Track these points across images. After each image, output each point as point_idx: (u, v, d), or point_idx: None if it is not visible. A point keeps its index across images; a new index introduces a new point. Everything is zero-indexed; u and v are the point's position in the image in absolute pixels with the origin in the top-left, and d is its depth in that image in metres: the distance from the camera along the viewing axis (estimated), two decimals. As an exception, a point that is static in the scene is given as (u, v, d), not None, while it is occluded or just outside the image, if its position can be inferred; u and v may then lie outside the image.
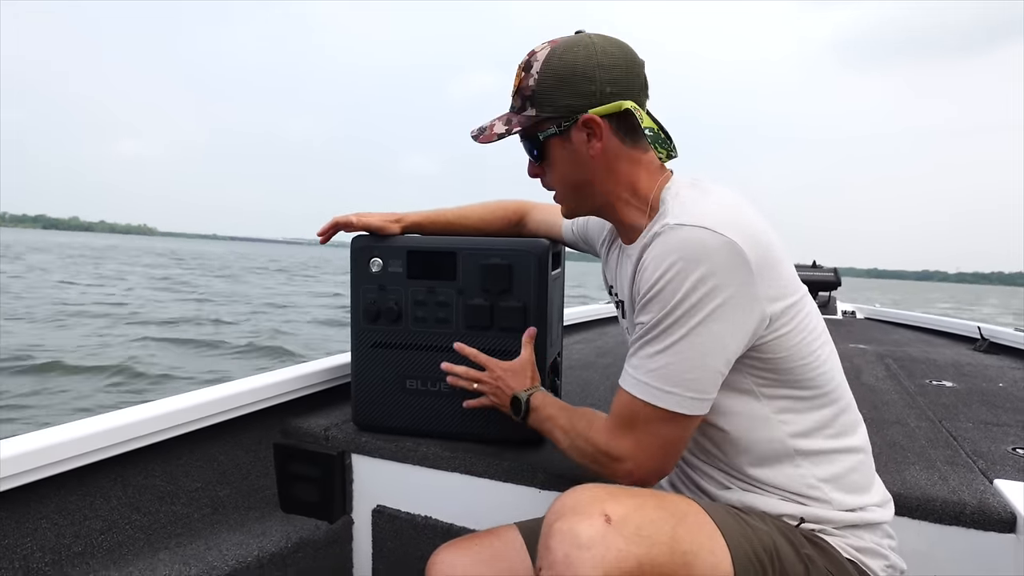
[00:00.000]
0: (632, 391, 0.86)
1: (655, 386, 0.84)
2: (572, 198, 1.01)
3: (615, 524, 0.68)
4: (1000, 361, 2.80)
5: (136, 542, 1.21)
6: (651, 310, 0.84)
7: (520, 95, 0.94)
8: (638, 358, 0.87)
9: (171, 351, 8.63)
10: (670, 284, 0.81)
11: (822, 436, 0.90)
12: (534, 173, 1.02)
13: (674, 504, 0.80)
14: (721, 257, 0.79)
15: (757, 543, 0.79)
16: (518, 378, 1.15)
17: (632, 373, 0.87)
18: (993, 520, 1.07)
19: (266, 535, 1.31)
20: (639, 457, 0.87)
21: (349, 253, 1.38)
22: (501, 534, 1.02)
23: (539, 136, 0.95)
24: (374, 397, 1.41)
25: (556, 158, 0.96)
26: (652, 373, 0.84)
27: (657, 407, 0.84)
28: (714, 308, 0.80)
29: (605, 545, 0.66)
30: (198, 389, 1.36)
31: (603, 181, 0.96)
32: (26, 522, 1.06)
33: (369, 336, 1.39)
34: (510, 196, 1.63)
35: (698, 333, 0.81)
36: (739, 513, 0.85)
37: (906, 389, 2.09)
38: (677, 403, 0.83)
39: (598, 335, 3.10)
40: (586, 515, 0.69)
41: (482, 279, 1.30)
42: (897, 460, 1.31)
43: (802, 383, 0.88)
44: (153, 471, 1.26)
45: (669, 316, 0.82)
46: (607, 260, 1.14)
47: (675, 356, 0.82)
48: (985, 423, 1.67)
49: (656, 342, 0.84)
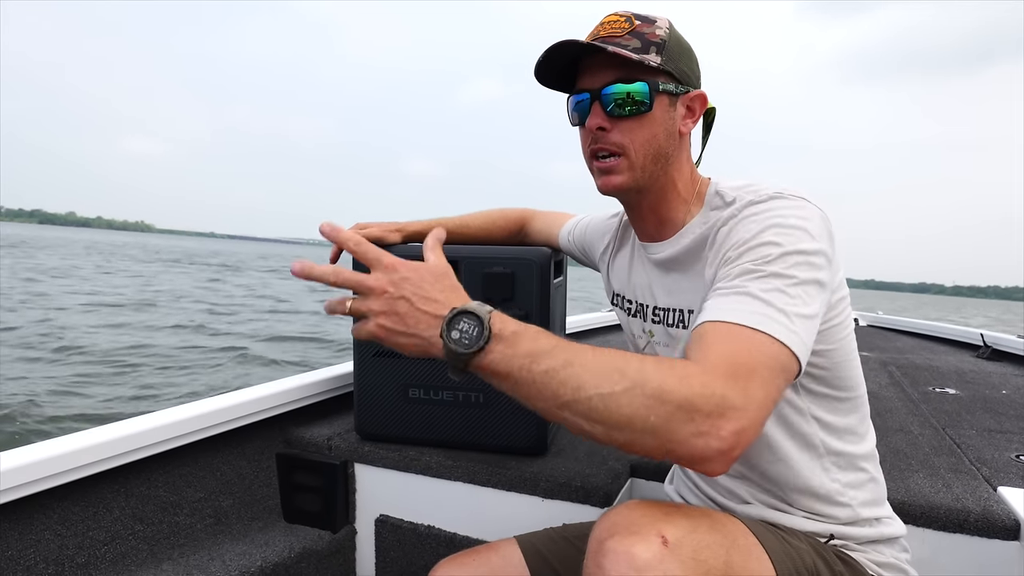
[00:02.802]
0: (757, 325, 0.68)
1: (780, 321, 0.69)
2: (648, 168, 0.89)
3: (672, 547, 0.63)
4: (1003, 368, 2.79)
5: (139, 553, 1.21)
6: (764, 251, 0.75)
7: (642, 39, 0.85)
8: (749, 294, 0.71)
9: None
10: (788, 232, 0.76)
11: (850, 441, 0.89)
12: (600, 126, 0.87)
13: (724, 526, 0.73)
14: (828, 230, 0.79)
15: (800, 563, 0.77)
16: (439, 286, 0.73)
17: (748, 308, 0.70)
18: (997, 527, 1.06)
19: (269, 545, 1.30)
20: (752, 411, 0.63)
21: (351, 263, 1.39)
22: (500, 549, 1.01)
23: (659, 86, 0.86)
24: (376, 406, 1.41)
25: (656, 118, 0.87)
26: (773, 308, 0.70)
27: (785, 346, 0.68)
28: (821, 267, 0.75)
29: (663, 570, 0.62)
30: (200, 399, 1.36)
31: (675, 162, 0.91)
32: (29, 533, 1.06)
33: (371, 345, 1.39)
34: (516, 201, 1.63)
35: (812, 284, 0.73)
36: (779, 531, 0.82)
37: (909, 396, 2.08)
38: (800, 347, 0.69)
39: (600, 343, 3.10)
40: (641, 536, 0.64)
41: (484, 288, 1.30)
42: (901, 468, 1.30)
43: (841, 382, 0.87)
44: (156, 481, 1.26)
45: (790, 257, 0.74)
46: (612, 266, 1.12)
47: (796, 298, 0.71)
48: (988, 430, 1.67)
49: (774, 279, 0.72)
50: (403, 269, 0.72)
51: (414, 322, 0.69)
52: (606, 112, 0.86)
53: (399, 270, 0.72)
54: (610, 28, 0.86)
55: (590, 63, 0.88)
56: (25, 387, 5.78)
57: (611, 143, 0.87)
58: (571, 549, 0.98)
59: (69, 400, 5.54)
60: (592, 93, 0.87)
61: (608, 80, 0.86)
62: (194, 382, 6.66)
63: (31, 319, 9.86)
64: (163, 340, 9.01)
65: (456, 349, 0.66)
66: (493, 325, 0.68)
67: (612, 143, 0.87)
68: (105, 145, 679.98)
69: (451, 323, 0.68)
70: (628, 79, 0.85)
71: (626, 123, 0.86)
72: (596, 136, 0.88)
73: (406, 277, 0.71)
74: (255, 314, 13.28)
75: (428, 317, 0.69)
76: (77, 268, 23.97)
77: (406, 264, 0.73)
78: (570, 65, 0.90)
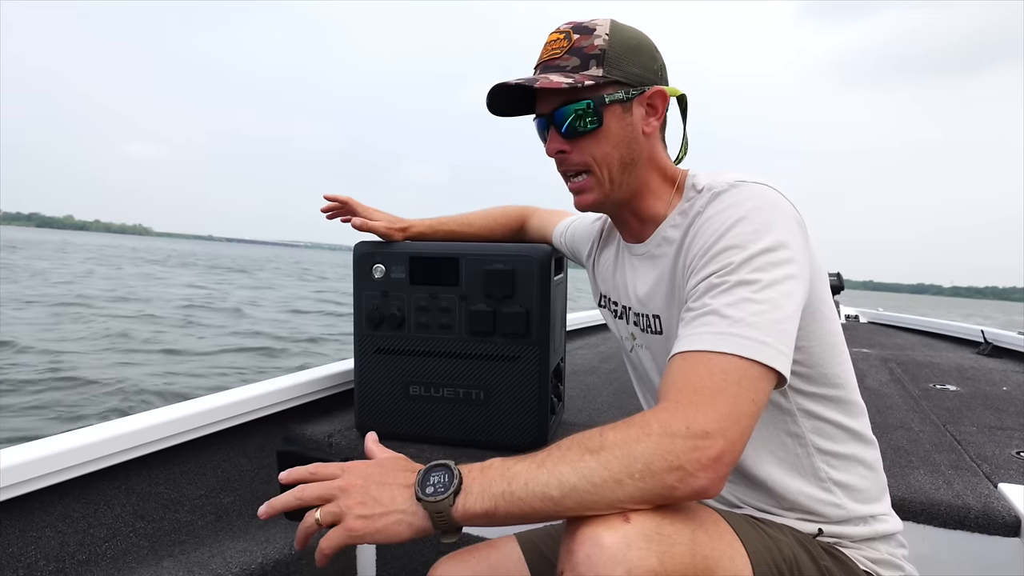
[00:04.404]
0: (716, 347, 0.70)
1: (747, 336, 0.69)
2: (616, 179, 0.89)
3: (634, 523, 0.65)
4: (1004, 365, 2.79)
5: (140, 550, 1.21)
6: (726, 257, 0.75)
7: (580, 54, 0.85)
8: (714, 312, 0.72)
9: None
10: (749, 229, 0.75)
11: (841, 439, 0.88)
12: (560, 149, 0.89)
13: (691, 511, 0.72)
14: (791, 215, 0.78)
15: (777, 553, 0.77)
16: (401, 464, 0.75)
17: (710, 329, 0.72)
18: (997, 524, 1.06)
19: (270, 542, 1.31)
20: (730, 430, 0.65)
21: (352, 259, 1.39)
22: (499, 545, 1.01)
23: (605, 99, 0.86)
24: (377, 403, 1.41)
25: (611, 130, 0.87)
26: (740, 323, 0.70)
27: (753, 361, 0.68)
28: (789, 260, 0.75)
29: (626, 543, 0.64)
30: (201, 396, 1.36)
31: (644, 163, 0.90)
32: (30, 530, 1.06)
33: (372, 342, 1.39)
34: (516, 203, 1.64)
35: (782, 281, 0.73)
36: (757, 523, 0.82)
37: (910, 393, 2.08)
38: (773, 357, 0.69)
39: (601, 340, 3.10)
40: (604, 517, 0.66)
41: (484, 285, 1.30)
42: (901, 464, 1.30)
43: (826, 378, 0.86)
44: (157, 479, 1.26)
45: (754, 260, 0.73)
46: (597, 268, 1.12)
47: (764, 303, 0.71)
48: (989, 427, 1.67)
49: (740, 288, 0.72)
50: (365, 464, 0.74)
51: (390, 499, 0.68)
52: (562, 135, 0.88)
53: (362, 465, 0.74)
54: (550, 50, 0.87)
55: (540, 88, 0.88)
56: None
57: (574, 163, 0.89)
58: None
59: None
60: (546, 118, 0.89)
61: (555, 104, 0.87)
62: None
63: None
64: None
65: (435, 500, 0.66)
66: (460, 469, 0.69)
67: (575, 163, 0.89)
68: (104, 148, 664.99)
69: (423, 482, 0.68)
70: (573, 99, 0.86)
71: (583, 141, 0.88)
72: (559, 159, 0.91)
73: (374, 465, 0.74)
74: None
75: (400, 488, 0.69)
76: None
77: (366, 461, 0.75)
78: (528, 90, 0.91)
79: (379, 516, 0.67)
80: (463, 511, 0.66)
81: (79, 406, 5.39)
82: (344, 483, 0.70)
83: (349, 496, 0.69)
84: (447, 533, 0.68)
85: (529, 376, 1.31)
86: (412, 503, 0.67)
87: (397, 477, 0.71)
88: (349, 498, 0.69)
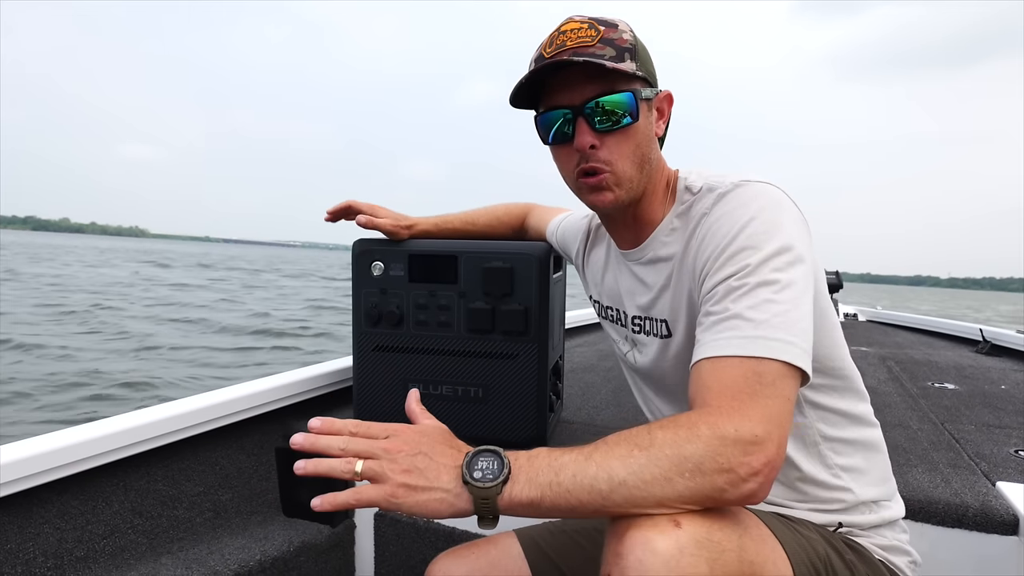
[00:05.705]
0: (746, 351, 0.70)
1: (774, 338, 0.70)
2: (635, 179, 0.87)
3: (685, 528, 0.65)
4: (1002, 363, 2.79)
5: (138, 547, 1.21)
6: (742, 259, 0.75)
7: (614, 46, 0.81)
8: (738, 316, 0.73)
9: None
10: (761, 230, 0.76)
11: (845, 425, 0.89)
12: (591, 144, 0.83)
13: (737, 515, 0.72)
14: (795, 214, 0.79)
15: (812, 552, 0.78)
16: (451, 441, 0.72)
17: (737, 333, 0.72)
18: (995, 522, 1.07)
19: (268, 539, 1.31)
20: (775, 433, 0.66)
21: (351, 256, 1.39)
22: (499, 542, 1.01)
23: (641, 94, 0.83)
24: (376, 401, 1.41)
25: (640, 128, 0.85)
26: (765, 325, 0.71)
27: (783, 362, 0.70)
28: (801, 258, 0.76)
29: (679, 548, 0.63)
30: (200, 393, 1.36)
31: (654, 163, 0.90)
32: (28, 527, 1.06)
33: (371, 339, 1.39)
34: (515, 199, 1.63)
35: (798, 281, 0.74)
36: (789, 522, 0.83)
37: (908, 391, 2.08)
38: (798, 356, 0.71)
39: (600, 338, 3.10)
40: (654, 520, 0.66)
41: (483, 282, 1.30)
42: (900, 463, 1.31)
43: (830, 370, 0.87)
44: (155, 475, 1.26)
45: (770, 261, 0.74)
46: (587, 267, 1.11)
47: (785, 303, 0.72)
48: (987, 425, 1.67)
49: (761, 289, 0.73)
50: (411, 431, 0.72)
51: (435, 475, 0.67)
52: (594, 129, 0.83)
53: (408, 431, 0.71)
54: (576, 37, 0.81)
55: (564, 77, 0.83)
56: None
57: (602, 160, 0.84)
58: (570, 542, 0.98)
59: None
60: (574, 109, 0.83)
61: (590, 95, 0.82)
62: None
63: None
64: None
65: (482, 486, 0.65)
66: (508, 456, 0.68)
67: (603, 160, 0.84)
68: (100, 150, 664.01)
69: (471, 465, 0.67)
70: (611, 91, 0.81)
71: (613, 137, 0.84)
72: (587, 155, 0.84)
73: (420, 434, 0.71)
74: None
75: (448, 467, 0.67)
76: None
77: (411, 427, 0.73)
78: (533, 82, 0.86)
79: (422, 489, 0.66)
80: (509, 499, 0.65)
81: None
82: (390, 445, 0.68)
83: (395, 461, 0.67)
84: (485, 520, 0.67)
85: (528, 374, 1.31)
86: (457, 484, 0.66)
87: (445, 455, 0.69)
88: (394, 463, 0.67)
